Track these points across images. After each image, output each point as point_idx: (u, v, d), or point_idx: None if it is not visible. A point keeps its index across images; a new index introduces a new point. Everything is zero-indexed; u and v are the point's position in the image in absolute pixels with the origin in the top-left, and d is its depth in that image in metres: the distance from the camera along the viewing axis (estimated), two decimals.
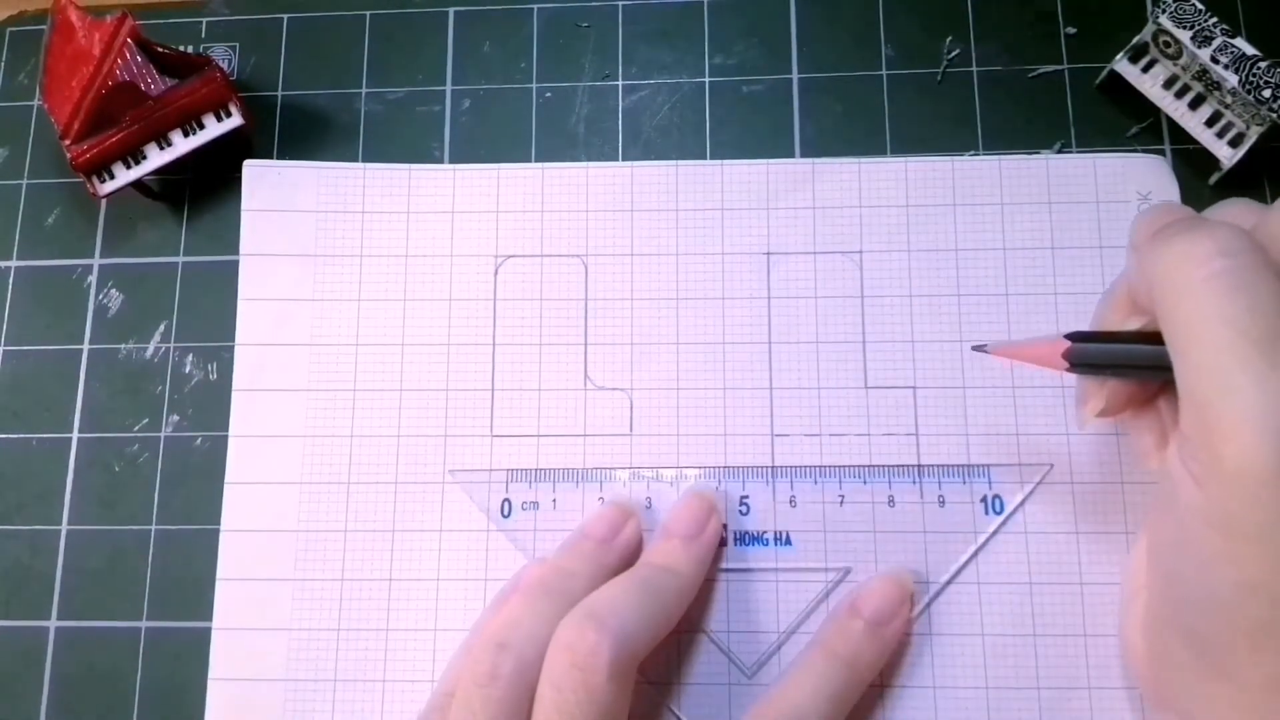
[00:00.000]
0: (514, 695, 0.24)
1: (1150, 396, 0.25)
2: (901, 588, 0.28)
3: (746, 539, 0.30)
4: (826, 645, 0.27)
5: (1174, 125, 0.32)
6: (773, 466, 0.30)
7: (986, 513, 0.29)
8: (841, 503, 0.30)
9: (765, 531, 0.30)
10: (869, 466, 0.30)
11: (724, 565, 0.29)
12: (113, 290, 0.33)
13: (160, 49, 0.32)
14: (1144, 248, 0.23)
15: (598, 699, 0.23)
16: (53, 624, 0.31)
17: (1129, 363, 0.24)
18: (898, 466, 0.30)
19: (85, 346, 0.33)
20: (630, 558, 0.29)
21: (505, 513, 0.30)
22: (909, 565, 0.29)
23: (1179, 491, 0.21)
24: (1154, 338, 0.22)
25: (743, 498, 0.30)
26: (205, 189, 0.34)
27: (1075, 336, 0.24)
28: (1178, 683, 0.23)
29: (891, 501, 0.29)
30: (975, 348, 0.27)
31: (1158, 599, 0.24)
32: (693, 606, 0.28)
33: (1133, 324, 0.24)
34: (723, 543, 0.29)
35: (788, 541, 0.29)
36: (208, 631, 0.30)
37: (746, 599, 0.29)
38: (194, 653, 0.30)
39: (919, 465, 0.30)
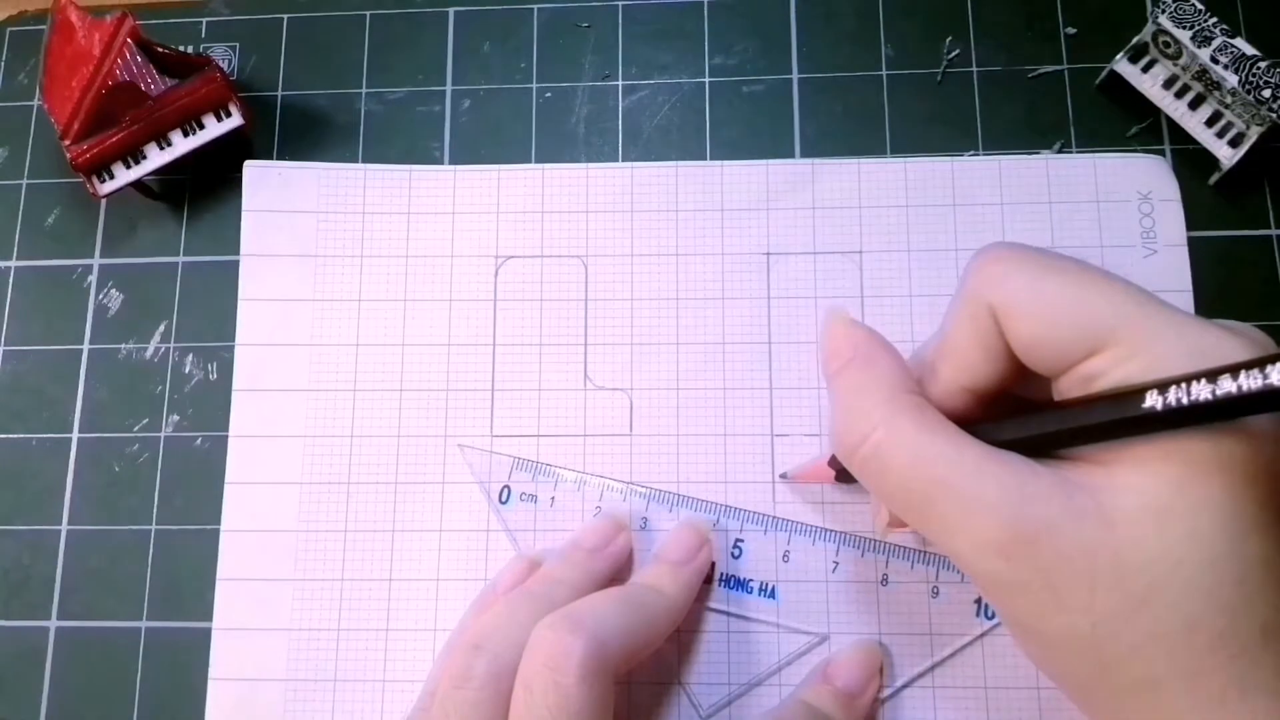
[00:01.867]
0: (489, 697, 0.24)
1: None
2: (873, 660, 0.28)
3: (733, 583, 0.29)
4: (804, 703, 0.27)
5: (1174, 125, 0.32)
6: (774, 516, 0.30)
7: (978, 614, 0.29)
8: (835, 569, 0.29)
9: (753, 580, 0.29)
10: (870, 539, 0.29)
11: (707, 604, 0.29)
12: (113, 290, 0.33)
13: (160, 49, 0.32)
14: (829, 385, 0.25)
15: (568, 700, 0.23)
16: (53, 624, 0.31)
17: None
18: (898, 547, 0.29)
19: (85, 346, 0.33)
20: (619, 568, 0.29)
21: (503, 499, 0.30)
22: (889, 646, 0.29)
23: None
24: None
25: (738, 540, 0.30)
26: (205, 189, 0.34)
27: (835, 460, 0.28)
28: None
29: (885, 580, 0.29)
30: (782, 476, 0.30)
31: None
32: (665, 641, 0.28)
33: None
34: (709, 580, 0.29)
35: (773, 595, 0.29)
36: (208, 631, 0.30)
37: (719, 641, 0.29)
38: (194, 653, 0.30)
39: (921, 550, 0.29)
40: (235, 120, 0.33)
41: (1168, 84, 0.32)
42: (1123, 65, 0.32)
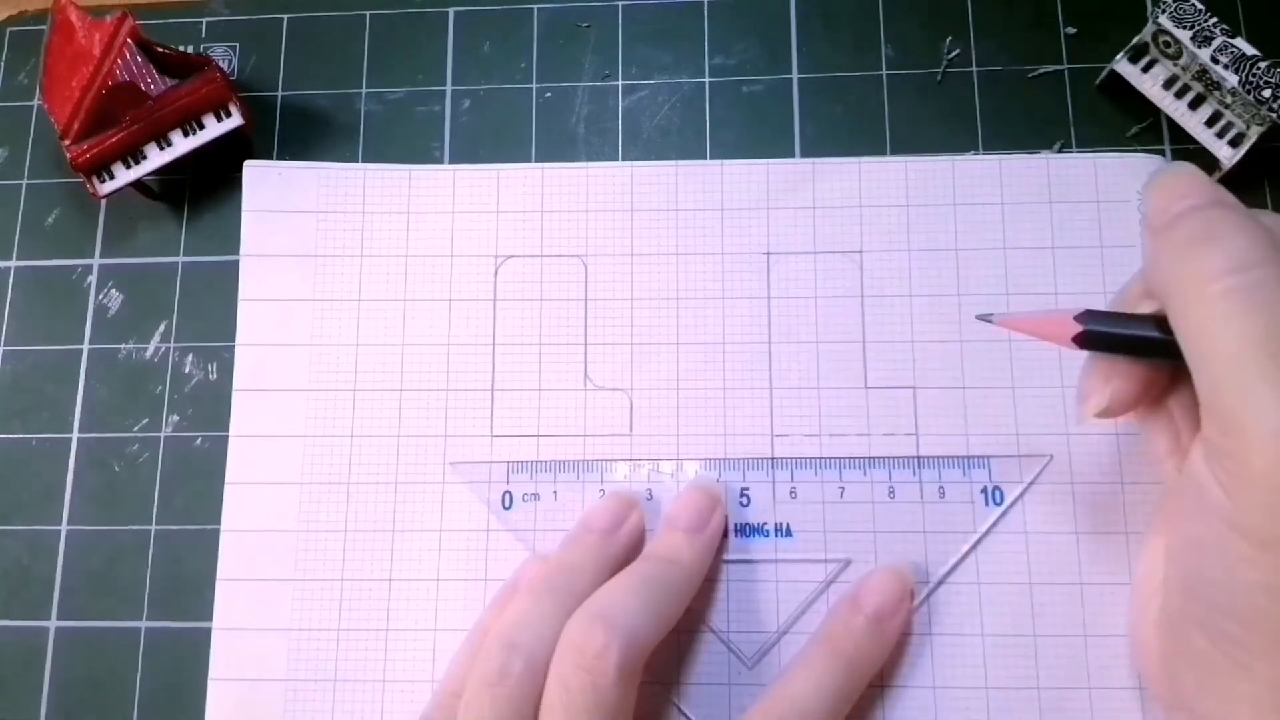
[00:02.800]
0: (522, 695, 0.24)
1: (1158, 397, 0.24)
2: (902, 582, 0.28)
3: (747, 530, 0.30)
4: (828, 641, 0.27)
5: (1174, 125, 0.32)
6: (773, 458, 0.30)
7: (987, 504, 0.29)
8: (842, 494, 0.30)
9: (766, 523, 0.30)
10: (869, 458, 0.30)
11: (725, 557, 0.29)
12: (113, 290, 0.33)
13: (160, 49, 0.32)
14: (1157, 240, 0.23)
15: (605, 700, 0.23)
16: (53, 624, 0.31)
17: (1142, 348, 0.23)
18: (898, 458, 0.30)
19: (85, 346, 0.33)
20: (634, 549, 0.29)
21: (506, 505, 0.30)
22: (910, 556, 0.29)
23: (1205, 495, 0.22)
24: (1168, 324, 0.22)
25: (743, 489, 0.30)
26: (205, 189, 0.34)
27: (1088, 315, 0.24)
28: (1194, 682, 0.23)
29: (892, 493, 0.30)
30: (980, 316, 0.26)
31: (1177, 598, 0.24)
32: (695, 598, 0.28)
33: (1146, 307, 0.24)
34: (725, 534, 0.29)
35: (788, 533, 0.30)
36: (208, 631, 0.30)
37: (747, 590, 0.29)
38: (194, 653, 0.30)
39: (919, 456, 0.30)
40: (235, 120, 0.33)
41: (1168, 84, 0.32)
42: (1123, 65, 0.32)
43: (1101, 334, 0.24)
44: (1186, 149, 0.32)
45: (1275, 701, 0.21)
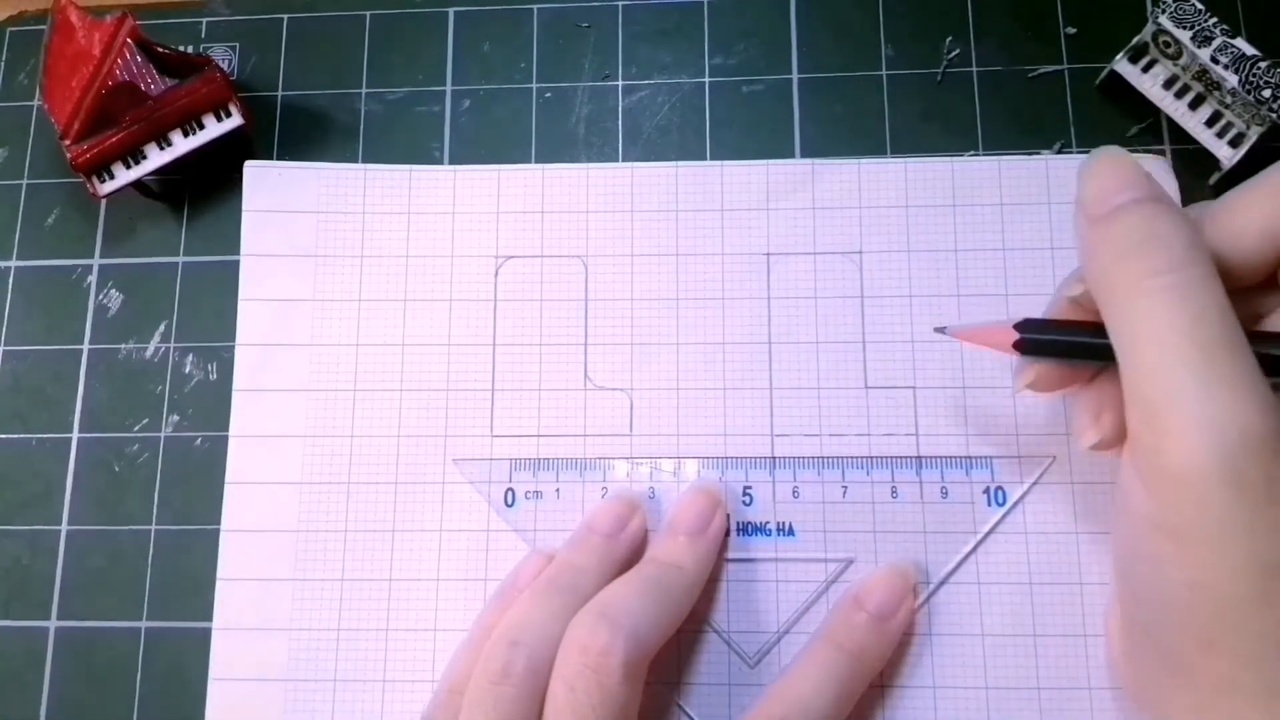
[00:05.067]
0: (526, 693, 0.24)
1: (1089, 377, 0.25)
2: (905, 580, 0.28)
3: (750, 529, 0.30)
4: (831, 639, 0.27)
5: (1174, 125, 0.32)
6: (775, 457, 0.30)
7: (989, 504, 0.29)
8: (844, 493, 0.30)
9: (768, 522, 0.30)
10: (871, 458, 0.30)
11: (727, 556, 0.29)
12: (113, 290, 0.33)
13: (160, 49, 0.32)
14: (1095, 230, 0.23)
15: (610, 699, 0.23)
16: (53, 624, 0.31)
17: (1077, 353, 0.24)
18: (900, 458, 0.30)
19: (85, 346, 0.33)
20: (637, 551, 0.29)
21: (509, 502, 0.30)
22: (911, 556, 0.29)
23: (1130, 496, 0.22)
24: (1103, 328, 0.23)
25: (746, 488, 0.30)
26: (205, 189, 0.34)
27: (1026, 324, 0.25)
28: (1149, 682, 0.23)
29: (894, 492, 0.30)
30: (937, 329, 0.27)
31: (1125, 606, 0.24)
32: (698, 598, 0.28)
33: (1079, 289, 0.25)
34: (726, 533, 0.29)
35: (790, 532, 0.30)
36: (208, 631, 0.30)
37: (749, 589, 0.29)
38: (194, 653, 0.30)
39: (921, 456, 0.30)
40: (235, 120, 0.33)
41: (1168, 84, 0.32)
42: (1123, 65, 0.32)
43: (1038, 341, 0.25)
44: (1186, 149, 0.32)
45: (1208, 703, 0.21)
